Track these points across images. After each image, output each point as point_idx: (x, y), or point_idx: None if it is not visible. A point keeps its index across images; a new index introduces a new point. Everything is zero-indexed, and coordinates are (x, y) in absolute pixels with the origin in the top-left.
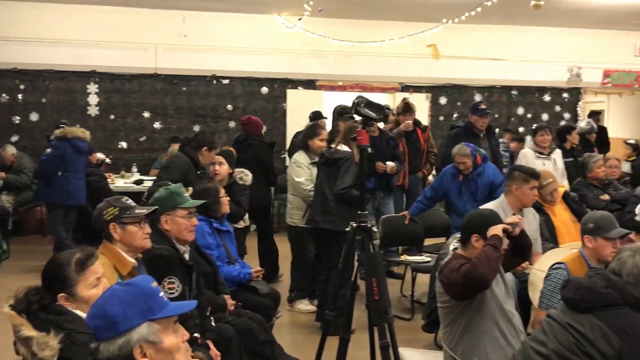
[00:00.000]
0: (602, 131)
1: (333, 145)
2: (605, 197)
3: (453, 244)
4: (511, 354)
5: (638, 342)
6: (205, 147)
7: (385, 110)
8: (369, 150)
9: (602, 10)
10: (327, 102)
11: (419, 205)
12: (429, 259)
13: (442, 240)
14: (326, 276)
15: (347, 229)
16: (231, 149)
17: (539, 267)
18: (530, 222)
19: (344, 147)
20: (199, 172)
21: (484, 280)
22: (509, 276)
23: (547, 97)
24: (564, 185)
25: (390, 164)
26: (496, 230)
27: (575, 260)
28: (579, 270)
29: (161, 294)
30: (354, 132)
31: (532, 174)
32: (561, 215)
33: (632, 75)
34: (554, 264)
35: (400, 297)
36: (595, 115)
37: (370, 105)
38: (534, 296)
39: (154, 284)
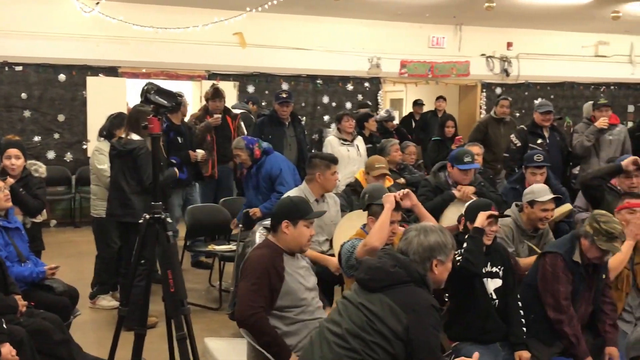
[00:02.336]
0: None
1: (123, 136)
2: (401, 180)
3: (259, 231)
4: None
5: (423, 317)
6: None
7: (177, 97)
8: (180, 140)
9: (397, 3)
10: (130, 90)
11: None
12: (235, 247)
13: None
14: (126, 270)
15: (140, 221)
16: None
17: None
18: (331, 207)
19: (134, 136)
20: None
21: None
22: None
23: (350, 86)
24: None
25: (200, 151)
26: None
27: (362, 237)
28: None
29: None
30: (144, 120)
31: (331, 160)
32: None
33: (426, 66)
34: (345, 241)
35: (209, 287)
36: (417, 105)
37: (161, 92)
38: None
39: None
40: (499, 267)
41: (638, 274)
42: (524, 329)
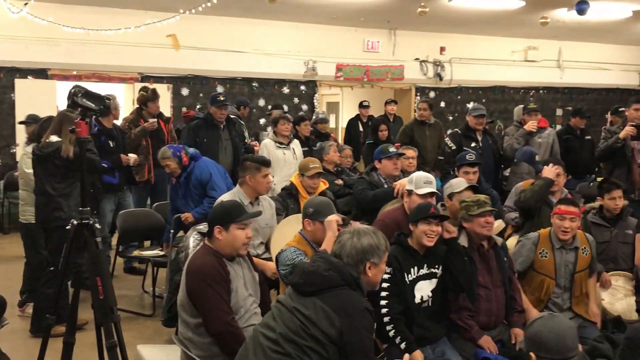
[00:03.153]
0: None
1: (42, 139)
2: (339, 182)
3: (193, 236)
4: None
5: (357, 320)
6: None
7: (105, 100)
8: (111, 143)
9: (332, 6)
10: (61, 93)
11: None
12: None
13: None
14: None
15: (68, 227)
16: None
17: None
18: (266, 210)
19: (53, 138)
20: None
21: None
22: None
23: (286, 89)
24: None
25: (132, 156)
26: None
27: (298, 244)
28: (308, 250)
29: None
30: (69, 123)
31: (262, 162)
32: None
33: (361, 70)
34: (282, 249)
35: (142, 293)
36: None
37: (89, 95)
38: None
39: None
40: (437, 267)
41: (576, 283)
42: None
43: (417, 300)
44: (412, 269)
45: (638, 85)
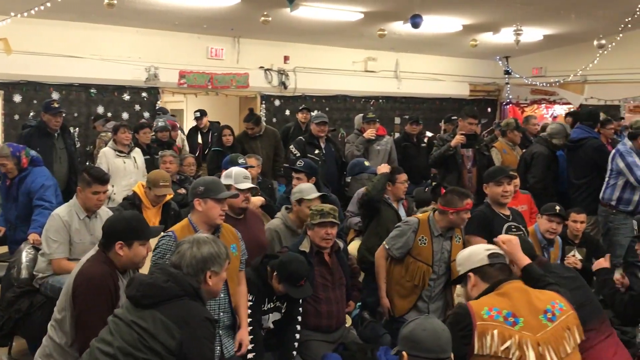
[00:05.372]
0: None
1: None
2: (182, 190)
3: (26, 250)
4: None
5: (197, 330)
6: None
7: None
8: None
9: (174, 13)
10: None
11: None
12: None
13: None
14: None
15: None
16: None
17: None
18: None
19: None
20: None
21: None
22: None
23: (126, 96)
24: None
25: None
26: None
27: (184, 228)
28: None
29: None
30: None
31: (96, 178)
32: None
33: (206, 77)
34: (163, 235)
35: None
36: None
37: None
38: None
39: None
40: (282, 302)
41: (453, 271)
42: None
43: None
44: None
45: (468, 95)
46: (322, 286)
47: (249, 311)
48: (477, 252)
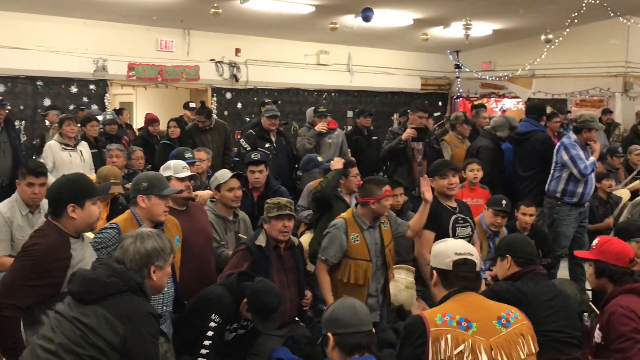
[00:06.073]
0: None
1: None
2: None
3: None
4: None
5: (141, 325)
6: None
7: None
8: None
9: (123, 4)
10: None
11: None
12: None
13: None
14: None
15: None
16: None
17: None
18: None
19: None
20: None
21: None
22: None
23: (74, 89)
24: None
25: None
26: None
27: (127, 221)
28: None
29: None
30: None
31: (30, 171)
32: None
33: (155, 69)
34: (106, 226)
35: None
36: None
37: None
38: None
39: None
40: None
41: (388, 258)
42: None
43: None
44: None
45: (420, 89)
46: (278, 283)
47: (211, 332)
48: (446, 254)
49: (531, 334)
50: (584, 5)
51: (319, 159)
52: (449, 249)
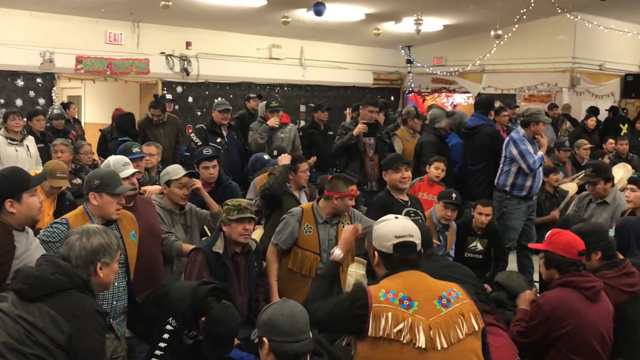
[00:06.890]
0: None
1: None
2: (77, 180)
3: None
4: None
5: (87, 323)
6: None
7: None
8: None
9: None
10: None
11: None
12: None
13: None
14: None
15: None
16: None
17: None
18: None
19: None
20: None
21: None
22: None
23: (20, 82)
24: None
25: None
26: None
27: (78, 216)
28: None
29: None
30: None
31: None
32: None
33: (104, 62)
34: (55, 221)
35: None
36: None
37: None
38: None
39: None
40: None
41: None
42: None
43: None
44: None
45: (372, 83)
46: (232, 290)
47: (167, 335)
48: (386, 238)
49: (473, 311)
50: (532, 1)
51: (266, 157)
52: (389, 232)
